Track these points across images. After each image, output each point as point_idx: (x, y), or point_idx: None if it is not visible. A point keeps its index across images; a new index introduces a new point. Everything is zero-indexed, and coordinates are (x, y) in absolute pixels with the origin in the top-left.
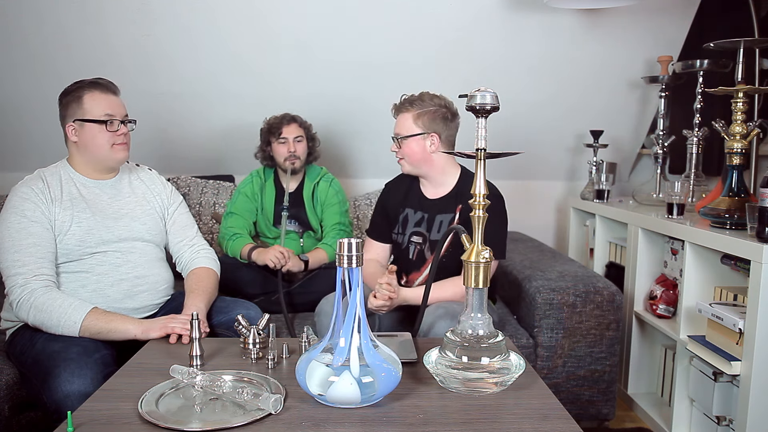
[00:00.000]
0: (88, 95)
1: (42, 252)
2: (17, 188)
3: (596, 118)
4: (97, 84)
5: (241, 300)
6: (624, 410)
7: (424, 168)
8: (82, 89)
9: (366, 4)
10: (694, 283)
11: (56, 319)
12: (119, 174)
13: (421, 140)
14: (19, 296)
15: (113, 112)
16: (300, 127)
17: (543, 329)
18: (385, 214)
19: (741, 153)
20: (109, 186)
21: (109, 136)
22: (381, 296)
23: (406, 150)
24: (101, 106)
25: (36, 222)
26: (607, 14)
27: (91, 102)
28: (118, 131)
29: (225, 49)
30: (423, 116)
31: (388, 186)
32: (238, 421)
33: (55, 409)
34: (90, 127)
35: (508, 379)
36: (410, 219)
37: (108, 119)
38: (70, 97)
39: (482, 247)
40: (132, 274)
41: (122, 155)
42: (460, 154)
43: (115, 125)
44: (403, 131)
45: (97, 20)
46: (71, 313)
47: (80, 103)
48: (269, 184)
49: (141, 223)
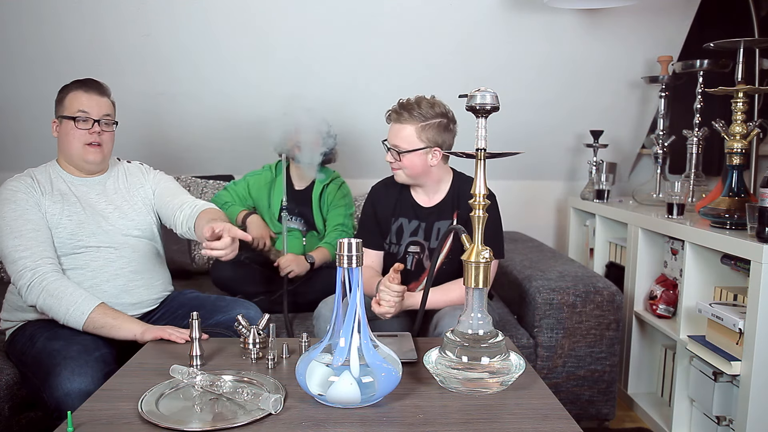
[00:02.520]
0: (72, 93)
1: (42, 237)
2: (6, 184)
3: (596, 118)
4: (82, 83)
5: (241, 300)
6: (624, 410)
7: (421, 179)
8: (71, 87)
9: (366, 5)
10: (694, 283)
11: (65, 307)
12: (107, 172)
13: (423, 154)
14: (30, 279)
15: (88, 110)
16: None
17: (543, 329)
18: (376, 220)
19: (741, 153)
20: (97, 183)
21: (80, 134)
22: (385, 302)
23: (407, 163)
24: (77, 104)
25: (31, 209)
26: (607, 14)
27: (71, 99)
28: (91, 130)
29: (223, 50)
30: (427, 130)
31: (376, 191)
32: (238, 421)
33: (55, 407)
34: (66, 123)
35: (508, 379)
36: (405, 229)
37: (81, 116)
38: (60, 94)
39: (482, 247)
40: (127, 269)
41: (93, 156)
42: (460, 154)
43: (88, 123)
44: (404, 144)
45: (95, 21)
46: (81, 303)
47: (63, 101)
48: (279, 180)
49: (129, 220)
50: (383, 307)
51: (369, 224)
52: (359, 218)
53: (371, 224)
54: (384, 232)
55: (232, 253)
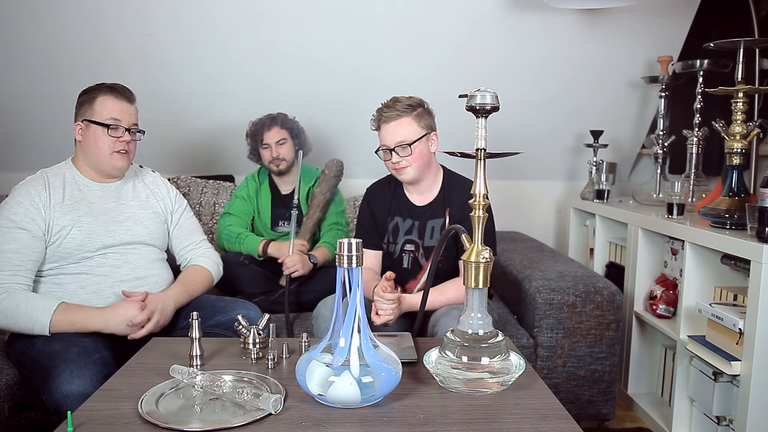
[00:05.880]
0: (101, 98)
1: (20, 259)
2: (17, 189)
3: (596, 118)
4: (114, 89)
5: (241, 300)
6: (624, 410)
7: (425, 172)
8: (99, 91)
9: (365, 7)
10: (694, 283)
11: (22, 324)
12: (124, 178)
13: (425, 141)
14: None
15: (120, 118)
16: (282, 129)
17: (543, 329)
18: (373, 220)
19: (741, 153)
20: (113, 189)
21: (110, 141)
22: (383, 311)
23: (417, 155)
24: (109, 111)
25: (23, 229)
26: (607, 14)
27: (102, 105)
28: (121, 138)
29: (223, 50)
30: (421, 117)
31: (372, 192)
32: (238, 421)
33: (54, 409)
34: (94, 129)
35: (508, 379)
36: (401, 227)
37: (112, 124)
38: (86, 96)
39: (482, 247)
40: (132, 275)
41: (120, 164)
42: (460, 154)
43: (119, 131)
44: (409, 136)
45: (96, 20)
46: (38, 316)
47: (92, 104)
48: (264, 187)
49: (143, 227)
50: (382, 317)
51: (367, 225)
52: (356, 219)
53: (369, 225)
54: (381, 231)
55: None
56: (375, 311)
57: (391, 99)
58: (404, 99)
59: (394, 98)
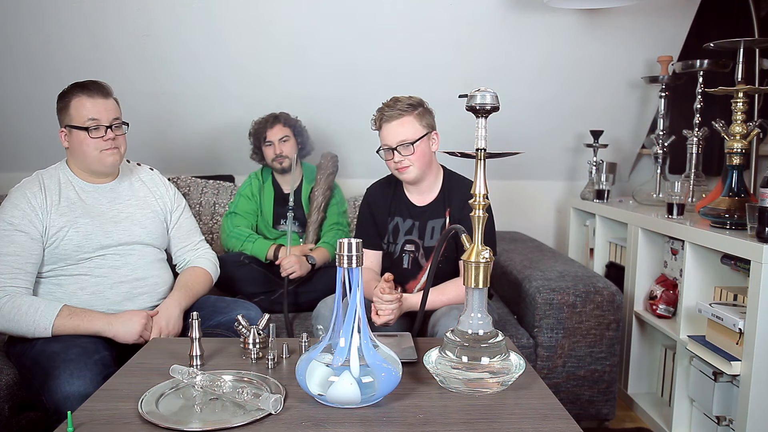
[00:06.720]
0: (75, 101)
1: (20, 262)
2: (13, 192)
3: (596, 118)
4: (84, 88)
5: (241, 300)
6: (624, 410)
7: (427, 171)
8: (71, 94)
9: (365, 7)
10: (694, 283)
11: (25, 328)
12: (119, 176)
13: (427, 140)
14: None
15: (98, 117)
16: (285, 127)
17: (543, 329)
18: (373, 220)
19: (741, 153)
20: (109, 189)
21: (94, 142)
22: (383, 312)
23: (419, 154)
24: (87, 111)
25: (22, 231)
26: (606, 14)
27: (77, 108)
28: (104, 137)
29: (224, 50)
30: (422, 116)
31: (372, 192)
32: (238, 421)
33: (54, 410)
34: (76, 133)
35: (508, 379)
36: (401, 228)
37: (92, 125)
38: (61, 103)
39: (482, 247)
40: (131, 276)
41: (110, 160)
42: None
43: (101, 131)
44: (411, 135)
45: (96, 20)
46: (39, 320)
47: (68, 109)
48: (267, 185)
49: (141, 227)
50: (382, 317)
51: (367, 225)
52: (357, 220)
53: (369, 225)
54: (381, 232)
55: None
56: (375, 311)
57: (392, 99)
58: (405, 99)
59: (394, 98)
